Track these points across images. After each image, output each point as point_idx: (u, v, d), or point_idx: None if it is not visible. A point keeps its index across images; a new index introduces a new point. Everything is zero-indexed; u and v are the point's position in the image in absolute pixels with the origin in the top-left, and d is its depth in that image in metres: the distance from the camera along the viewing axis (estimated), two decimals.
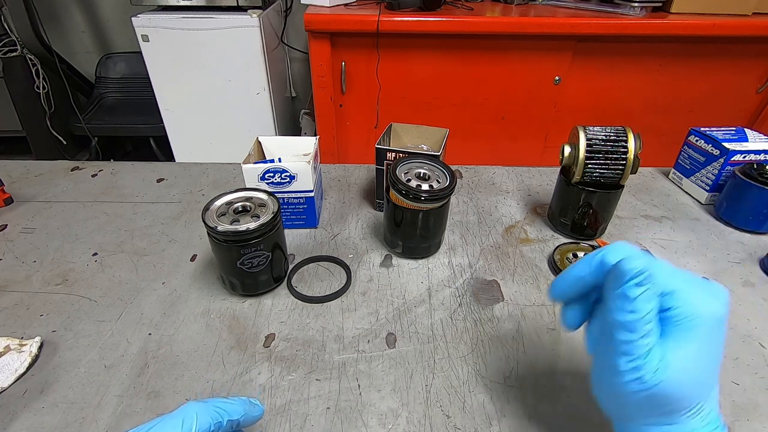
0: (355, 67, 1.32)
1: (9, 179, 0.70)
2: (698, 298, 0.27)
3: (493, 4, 1.46)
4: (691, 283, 0.27)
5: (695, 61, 1.32)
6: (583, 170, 0.53)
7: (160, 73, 1.62)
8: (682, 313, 0.26)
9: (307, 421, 0.36)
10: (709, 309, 0.26)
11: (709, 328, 0.26)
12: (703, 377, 0.27)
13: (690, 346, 0.26)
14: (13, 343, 0.41)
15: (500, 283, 0.51)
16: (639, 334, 0.26)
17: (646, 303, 0.26)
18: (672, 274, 0.28)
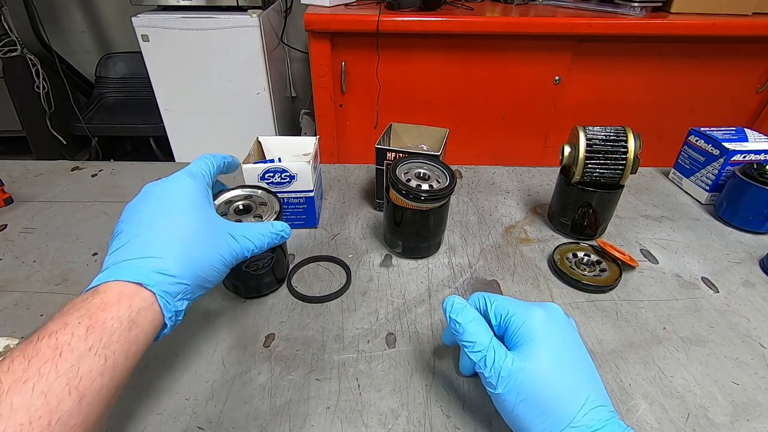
0: (355, 67, 1.32)
1: (9, 179, 0.70)
2: (528, 310, 0.33)
3: (493, 4, 1.46)
4: (523, 305, 0.34)
5: (695, 61, 1.32)
6: (583, 170, 0.53)
7: (160, 73, 1.62)
8: (517, 322, 0.33)
9: (307, 421, 0.36)
10: (537, 315, 0.33)
11: (548, 334, 0.32)
12: (571, 376, 0.31)
13: (540, 349, 0.31)
14: (13, 343, 0.41)
15: (500, 283, 0.51)
16: (472, 342, 0.32)
17: (463, 316, 0.34)
18: (508, 302, 0.34)
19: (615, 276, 0.51)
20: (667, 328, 0.46)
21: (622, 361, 0.42)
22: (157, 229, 0.32)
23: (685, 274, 0.53)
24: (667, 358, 0.42)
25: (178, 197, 0.35)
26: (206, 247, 0.34)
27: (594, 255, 0.54)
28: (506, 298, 0.35)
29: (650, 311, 0.48)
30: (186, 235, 0.33)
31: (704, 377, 0.40)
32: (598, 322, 0.46)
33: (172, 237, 0.32)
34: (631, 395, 0.39)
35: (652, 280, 0.52)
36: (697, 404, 0.38)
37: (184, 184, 0.36)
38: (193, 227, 0.33)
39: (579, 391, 0.30)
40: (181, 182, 0.36)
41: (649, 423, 0.36)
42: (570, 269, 0.52)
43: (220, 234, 0.35)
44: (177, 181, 0.36)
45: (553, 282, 0.52)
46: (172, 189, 0.35)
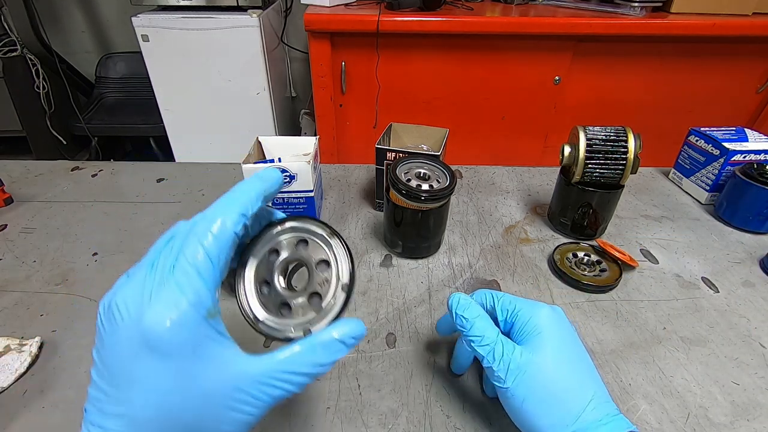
0: (355, 67, 1.32)
1: (9, 179, 0.70)
2: (535, 306, 0.34)
3: (493, 4, 1.46)
4: (529, 301, 0.34)
5: (695, 61, 1.32)
6: (583, 170, 0.53)
7: (160, 73, 1.62)
8: (524, 317, 0.33)
9: (307, 421, 0.36)
10: (544, 311, 0.33)
11: (554, 330, 0.32)
12: (579, 371, 0.31)
13: (548, 343, 0.31)
14: (13, 343, 0.41)
15: (500, 283, 0.51)
16: (480, 336, 0.32)
17: (470, 312, 0.34)
18: (514, 299, 0.35)
19: (615, 276, 0.51)
20: (667, 328, 0.46)
21: (622, 361, 0.42)
22: (119, 403, 0.22)
23: (685, 274, 0.53)
24: (667, 358, 0.42)
25: (153, 351, 0.21)
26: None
27: (594, 255, 0.54)
28: (511, 295, 0.36)
29: (650, 311, 0.48)
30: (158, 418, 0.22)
31: (704, 377, 0.40)
32: (598, 322, 0.46)
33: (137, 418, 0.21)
34: (631, 395, 0.39)
35: (652, 280, 0.52)
36: (697, 404, 0.38)
37: (161, 329, 0.21)
38: (171, 404, 0.22)
39: (587, 386, 0.30)
40: (160, 320, 0.21)
41: (649, 423, 0.36)
42: (570, 269, 0.52)
43: (226, 400, 0.22)
44: (156, 314, 0.21)
45: (553, 282, 0.52)
46: (147, 333, 0.21)
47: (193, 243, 0.23)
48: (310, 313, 0.28)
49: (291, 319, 0.28)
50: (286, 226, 0.29)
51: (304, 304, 0.28)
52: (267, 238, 0.29)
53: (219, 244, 0.23)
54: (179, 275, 0.22)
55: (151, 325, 0.21)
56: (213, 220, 0.24)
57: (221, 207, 0.25)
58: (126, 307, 0.22)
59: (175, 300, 0.22)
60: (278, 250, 0.29)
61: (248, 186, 0.26)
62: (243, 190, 0.26)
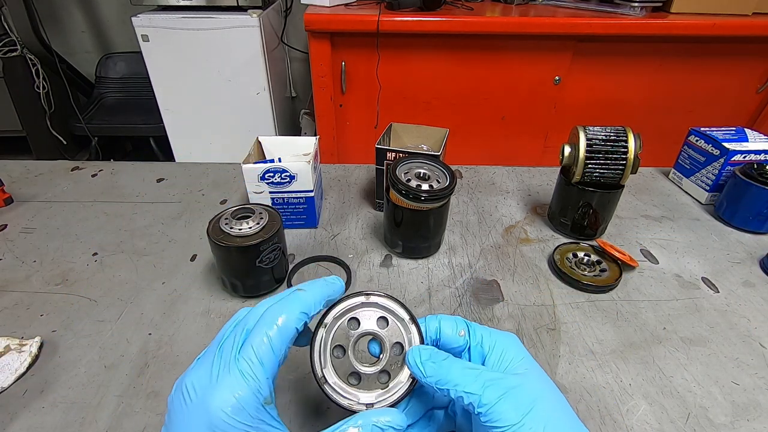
0: (355, 67, 1.32)
1: (9, 179, 0.70)
2: (506, 337, 0.29)
3: (493, 4, 1.46)
4: (495, 332, 0.30)
5: (695, 61, 1.32)
6: (583, 170, 0.53)
7: (160, 73, 1.62)
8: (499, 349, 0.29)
9: (308, 420, 0.36)
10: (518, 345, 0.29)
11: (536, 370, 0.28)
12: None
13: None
14: (13, 343, 0.41)
15: (500, 283, 0.51)
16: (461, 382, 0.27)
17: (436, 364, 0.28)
18: (481, 328, 0.30)
19: (615, 276, 0.51)
20: (667, 328, 0.46)
21: (622, 361, 0.42)
22: None
23: (685, 274, 0.53)
24: (667, 358, 0.42)
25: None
26: None
27: (594, 255, 0.54)
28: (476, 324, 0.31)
29: (650, 311, 0.48)
30: None
31: (704, 377, 0.40)
32: (598, 322, 0.46)
33: None
34: (631, 395, 0.39)
35: (652, 280, 0.52)
36: (697, 404, 0.38)
37: None
38: None
39: None
40: None
41: (649, 423, 0.36)
42: (570, 269, 0.52)
43: None
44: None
45: (553, 282, 0.52)
46: None
47: (259, 333, 0.26)
48: (376, 389, 0.29)
49: (358, 390, 0.29)
50: (371, 300, 0.30)
51: (373, 380, 0.29)
52: (351, 306, 0.30)
53: (281, 337, 0.26)
54: (243, 363, 0.25)
55: (215, 408, 0.23)
56: (279, 314, 0.27)
57: (288, 303, 0.27)
58: (194, 389, 0.25)
59: (238, 386, 0.24)
60: (359, 321, 0.30)
61: (315, 288, 0.29)
62: (311, 292, 0.28)
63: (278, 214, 0.47)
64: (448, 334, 0.30)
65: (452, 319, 0.31)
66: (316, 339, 0.29)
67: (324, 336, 0.29)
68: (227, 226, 0.45)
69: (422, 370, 0.28)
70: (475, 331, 0.30)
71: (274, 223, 0.46)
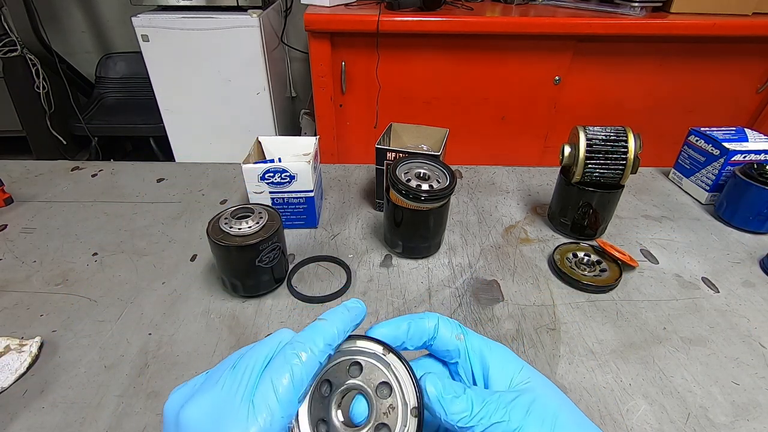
0: (355, 67, 1.32)
1: (9, 179, 0.70)
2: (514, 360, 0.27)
3: (493, 4, 1.46)
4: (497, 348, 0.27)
5: (695, 61, 1.32)
6: (583, 170, 0.53)
7: (160, 73, 1.62)
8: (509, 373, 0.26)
9: None
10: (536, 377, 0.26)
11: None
12: None
13: None
14: (13, 343, 0.41)
15: (500, 283, 0.51)
16: None
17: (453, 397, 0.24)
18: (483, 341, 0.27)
19: (615, 276, 0.51)
20: (667, 328, 0.46)
21: (622, 361, 0.42)
22: None
23: (685, 274, 0.53)
24: (667, 358, 0.42)
25: None
26: None
27: (594, 255, 0.54)
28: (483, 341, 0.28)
29: (650, 311, 0.48)
30: None
31: (704, 377, 0.40)
32: (598, 322, 0.46)
33: None
34: (631, 395, 0.39)
35: (652, 280, 0.52)
36: (697, 404, 0.38)
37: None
38: None
39: None
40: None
41: (649, 423, 0.36)
42: (570, 269, 0.52)
43: None
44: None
45: (553, 282, 0.52)
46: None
47: (281, 367, 0.22)
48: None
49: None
50: None
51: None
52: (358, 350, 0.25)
53: (305, 372, 0.23)
54: (258, 399, 0.21)
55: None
56: (302, 348, 0.23)
57: (311, 334, 0.24)
58: (196, 421, 0.21)
59: (246, 427, 0.21)
60: (330, 381, 0.25)
61: (337, 317, 0.25)
62: (332, 321, 0.25)
63: (278, 214, 0.47)
64: (445, 336, 0.27)
65: (449, 321, 0.28)
66: (294, 427, 0.24)
67: (300, 419, 0.24)
68: (227, 226, 0.45)
69: (444, 407, 0.23)
70: (473, 340, 0.27)
71: (273, 223, 0.46)
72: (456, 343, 0.27)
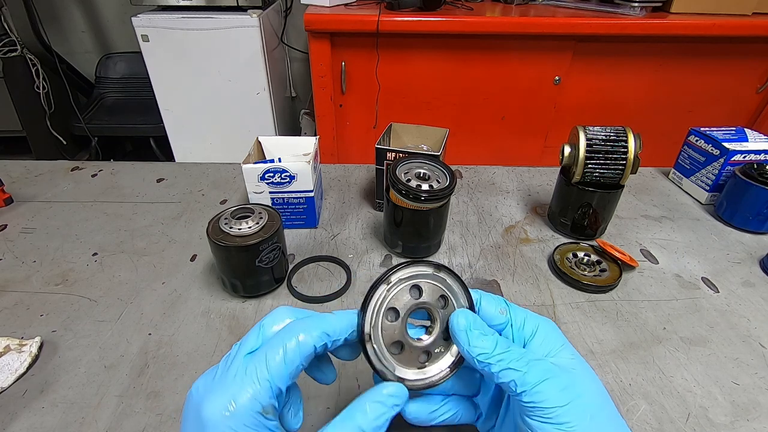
0: (355, 67, 1.32)
1: (9, 179, 0.70)
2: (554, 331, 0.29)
3: (493, 4, 1.46)
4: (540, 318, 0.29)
5: (695, 61, 1.32)
6: (583, 170, 0.53)
7: (160, 73, 1.62)
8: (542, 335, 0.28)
9: (307, 421, 0.36)
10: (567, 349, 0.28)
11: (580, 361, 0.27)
12: None
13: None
14: (13, 343, 0.41)
15: (500, 283, 0.51)
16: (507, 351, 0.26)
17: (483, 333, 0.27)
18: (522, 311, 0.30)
19: (615, 276, 0.51)
20: (667, 328, 0.46)
21: (622, 361, 0.42)
22: None
23: (685, 274, 0.53)
24: (667, 358, 0.42)
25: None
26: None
27: (594, 255, 0.54)
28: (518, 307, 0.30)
29: (650, 311, 0.48)
30: None
31: (704, 377, 0.40)
32: (598, 322, 0.46)
33: None
34: (631, 395, 0.39)
35: (652, 280, 0.52)
36: (697, 404, 0.38)
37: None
38: None
39: None
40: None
41: (649, 423, 0.36)
42: (570, 269, 0.52)
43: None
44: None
45: (553, 282, 0.52)
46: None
47: (276, 343, 0.25)
48: (413, 367, 0.28)
49: (396, 361, 0.28)
50: (440, 275, 0.29)
51: (415, 356, 0.28)
52: (419, 274, 0.29)
53: (298, 351, 0.25)
54: (251, 366, 0.24)
55: (208, 410, 0.23)
56: (302, 330, 0.25)
57: (313, 321, 0.26)
58: (197, 389, 0.25)
59: (236, 388, 0.23)
60: (421, 291, 0.29)
61: (344, 315, 0.27)
62: (338, 317, 0.27)
63: (278, 214, 0.47)
64: (489, 311, 0.29)
65: (493, 296, 0.30)
66: (375, 294, 0.27)
67: (384, 294, 0.28)
68: (227, 226, 0.45)
69: (468, 338, 0.26)
70: (517, 313, 0.29)
71: (273, 223, 0.46)
72: (500, 317, 0.29)
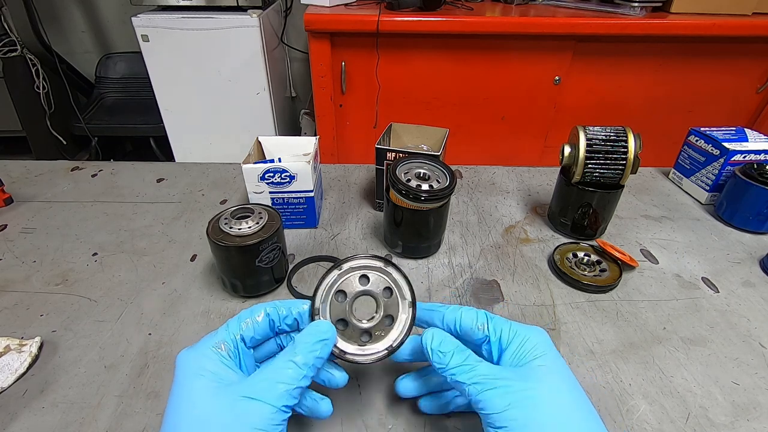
0: (355, 67, 1.32)
1: (9, 179, 0.70)
2: (528, 330, 0.32)
3: (493, 4, 1.46)
4: (521, 324, 0.32)
5: (695, 61, 1.32)
6: (583, 170, 0.53)
7: (160, 73, 1.62)
8: (519, 340, 0.31)
9: (307, 420, 0.36)
10: (542, 336, 0.31)
11: (556, 360, 0.30)
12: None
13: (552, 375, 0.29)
14: (13, 343, 0.41)
15: (500, 283, 0.51)
16: (463, 365, 0.29)
17: (446, 345, 0.31)
18: (505, 321, 0.32)
19: (615, 276, 0.51)
20: (667, 328, 0.46)
21: (622, 361, 0.42)
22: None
23: (685, 274, 0.53)
24: (667, 358, 0.42)
25: None
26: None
27: (594, 255, 0.54)
28: (502, 318, 0.33)
29: (650, 311, 0.48)
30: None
31: (704, 377, 0.40)
32: (598, 322, 0.46)
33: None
34: (631, 395, 0.39)
35: (652, 280, 0.52)
36: (697, 404, 0.38)
37: (188, 398, 0.29)
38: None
39: None
40: (186, 393, 0.29)
41: (649, 423, 0.36)
42: (570, 269, 0.52)
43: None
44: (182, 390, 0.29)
45: (553, 282, 0.52)
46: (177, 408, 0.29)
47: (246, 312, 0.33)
48: (354, 343, 0.33)
49: (340, 335, 0.32)
50: (344, 268, 0.33)
51: (357, 334, 0.33)
52: (368, 265, 0.34)
53: (251, 311, 0.33)
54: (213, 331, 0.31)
55: (178, 356, 0.30)
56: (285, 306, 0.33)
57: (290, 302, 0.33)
58: None
59: (204, 338, 0.31)
60: (343, 291, 0.33)
61: (300, 300, 0.34)
62: (295, 300, 0.34)
63: (278, 214, 0.47)
64: (468, 326, 0.32)
65: (474, 311, 0.33)
66: (327, 277, 0.33)
67: (335, 278, 0.33)
68: (227, 226, 0.45)
69: (431, 356, 0.30)
70: (496, 326, 0.32)
71: (273, 223, 0.46)
72: (478, 332, 0.32)
